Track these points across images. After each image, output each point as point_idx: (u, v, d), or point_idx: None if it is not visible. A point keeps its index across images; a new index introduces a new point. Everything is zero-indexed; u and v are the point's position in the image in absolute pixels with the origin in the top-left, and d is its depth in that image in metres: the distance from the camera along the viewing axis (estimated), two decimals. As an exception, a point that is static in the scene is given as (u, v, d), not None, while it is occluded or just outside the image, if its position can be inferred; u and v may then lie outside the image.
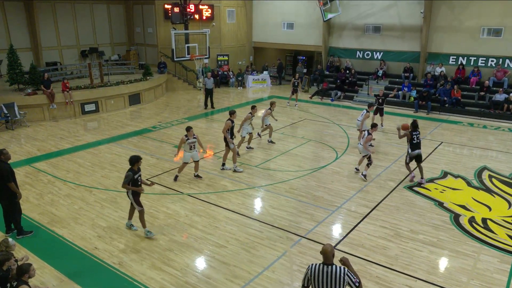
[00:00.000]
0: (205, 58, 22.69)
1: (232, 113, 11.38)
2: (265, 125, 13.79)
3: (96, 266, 7.09)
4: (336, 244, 7.74)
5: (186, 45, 21.43)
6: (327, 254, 4.69)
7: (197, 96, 22.12)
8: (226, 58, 25.36)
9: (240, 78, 24.91)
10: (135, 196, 7.83)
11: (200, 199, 9.64)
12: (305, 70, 24.66)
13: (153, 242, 7.80)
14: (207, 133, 15.06)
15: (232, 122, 11.17)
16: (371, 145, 12.64)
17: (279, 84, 25.92)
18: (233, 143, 11.20)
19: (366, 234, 8.11)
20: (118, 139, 14.24)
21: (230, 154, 11.40)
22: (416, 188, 10.30)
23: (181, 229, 8.32)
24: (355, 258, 7.30)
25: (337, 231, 8.33)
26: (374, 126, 11.35)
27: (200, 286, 6.57)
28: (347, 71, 22.11)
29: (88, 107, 17.37)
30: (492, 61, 18.75)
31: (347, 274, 4.62)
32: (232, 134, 11.26)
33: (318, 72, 23.01)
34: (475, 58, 19.18)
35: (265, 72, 25.63)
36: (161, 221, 8.60)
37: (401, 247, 7.67)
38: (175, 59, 21.13)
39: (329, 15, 21.87)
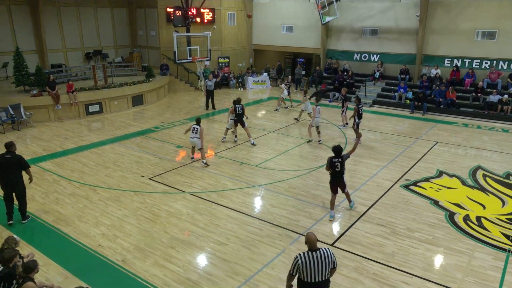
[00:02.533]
0: (206, 60, 22.70)
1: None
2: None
3: (100, 263, 7.08)
4: (334, 242, 7.74)
5: (188, 47, 21.43)
6: (313, 241, 5.04)
7: (198, 97, 22.11)
8: (226, 60, 25.35)
9: (240, 80, 24.91)
10: None
11: (201, 198, 9.63)
12: (304, 72, 24.64)
13: (156, 240, 7.80)
14: (208, 133, 15.05)
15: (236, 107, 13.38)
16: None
17: (278, 86, 25.87)
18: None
19: (363, 232, 8.11)
20: (121, 139, 14.24)
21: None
22: (412, 187, 10.29)
23: (183, 227, 8.31)
24: (353, 255, 7.30)
25: (335, 229, 8.33)
26: None
27: (201, 282, 6.57)
28: (345, 73, 22.10)
29: (92, 108, 17.36)
30: (486, 63, 18.75)
31: (332, 254, 5.10)
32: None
33: (317, 74, 23.01)
34: (469, 60, 19.17)
35: (265, 74, 25.62)
36: (163, 219, 8.59)
37: (397, 245, 7.67)
38: (177, 61, 21.12)
39: (327, 18, 21.86)
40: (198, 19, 23.00)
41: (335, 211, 8.80)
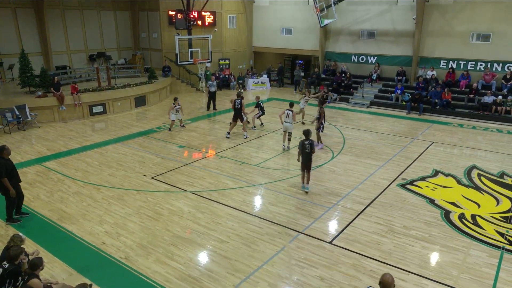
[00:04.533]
0: (207, 62, 22.69)
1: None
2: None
3: (103, 261, 7.08)
4: (333, 240, 7.75)
5: (190, 49, 21.44)
6: (389, 285, 4.42)
7: (199, 98, 22.11)
8: (227, 62, 25.34)
9: (240, 81, 24.91)
10: None
11: (202, 197, 9.64)
12: (303, 74, 24.64)
13: (158, 238, 7.80)
14: (209, 134, 15.06)
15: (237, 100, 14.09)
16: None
17: (280, 86, 25.94)
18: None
19: (361, 230, 8.11)
20: (124, 139, 14.24)
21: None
22: (408, 186, 10.30)
23: (185, 225, 8.32)
24: (351, 253, 7.31)
25: (333, 227, 8.33)
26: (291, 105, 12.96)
27: (202, 279, 6.57)
28: (343, 75, 22.11)
29: (96, 109, 17.36)
30: (481, 65, 18.74)
31: None
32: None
33: (315, 76, 23.00)
34: (464, 62, 19.16)
35: (265, 76, 25.62)
36: (165, 218, 8.60)
37: (394, 242, 7.67)
38: (179, 63, 21.13)
39: (326, 21, 21.86)
40: (199, 22, 22.99)
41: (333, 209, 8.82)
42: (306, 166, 9.66)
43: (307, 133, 9.64)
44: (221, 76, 24.66)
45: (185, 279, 6.57)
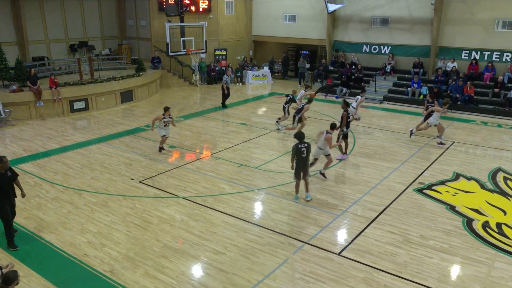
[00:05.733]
0: (202, 52, 22.72)
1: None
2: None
3: (86, 274, 7.08)
4: (341, 251, 7.75)
5: (182, 38, 21.47)
6: None
7: (193, 92, 22.15)
8: (224, 52, 25.38)
9: (239, 74, 24.94)
10: None
11: (196, 203, 9.64)
12: (308, 66, 24.66)
13: (147, 249, 7.80)
14: (204, 132, 15.07)
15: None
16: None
17: (284, 78, 25.98)
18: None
19: (373, 240, 8.12)
20: (109, 138, 14.25)
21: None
22: (426, 191, 10.31)
23: (177, 234, 8.32)
24: (362, 265, 7.31)
25: (342, 236, 8.33)
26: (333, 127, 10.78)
27: (196, 295, 6.57)
28: (353, 67, 22.13)
29: (77, 105, 17.38)
30: (507, 55, 18.77)
31: None
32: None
33: (322, 68, 23.03)
34: (489, 52, 19.19)
35: (266, 68, 25.64)
36: (154, 226, 8.60)
37: (410, 254, 7.67)
38: (170, 54, 21.17)
39: (334, 7, 21.90)
40: (193, 8, 23.04)
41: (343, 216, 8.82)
42: (304, 172, 9.49)
43: (300, 136, 9.41)
44: (217, 68, 24.69)
45: (176, 295, 6.57)
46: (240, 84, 24.73)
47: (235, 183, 10.72)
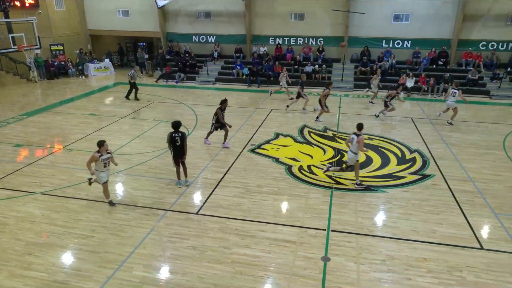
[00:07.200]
0: (36, 48, 19.44)
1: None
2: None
3: None
4: (199, 210, 7.90)
5: (10, 35, 17.92)
6: None
7: (33, 89, 18.93)
8: (61, 47, 22.16)
9: (80, 67, 22.25)
10: None
11: (56, 195, 8.48)
12: (147, 56, 23.49)
13: (7, 250, 6.59)
14: (52, 127, 13.15)
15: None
16: None
17: (122, 65, 24.32)
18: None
19: (222, 196, 8.49)
20: None
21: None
22: (257, 150, 11.16)
23: (39, 229, 7.23)
24: (217, 218, 7.61)
25: (198, 198, 8.48)
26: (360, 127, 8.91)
27: (70, 280, 5.90)
28: (187, 55, 21.97)
29: None
30: (300, 40, 21.22)
31: None
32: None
33: (160, 57, 22.23)
34: (288, 38, 21.37)
35: (107, 60, 23.45)
36: (12, 227, 7.29)
37: (251, 201, 8.30)
38: (-1, 51, 17.51)
39: (162, 3, 21.14)
40: (17, 3, 19.28)
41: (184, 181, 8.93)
42: (181, 158, 8.74)
43: (176, 125, 8.50)
44: (55, 63, 21.50)
45: (50, 286, 5.79)
46: (83, 77, 22.14)
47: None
